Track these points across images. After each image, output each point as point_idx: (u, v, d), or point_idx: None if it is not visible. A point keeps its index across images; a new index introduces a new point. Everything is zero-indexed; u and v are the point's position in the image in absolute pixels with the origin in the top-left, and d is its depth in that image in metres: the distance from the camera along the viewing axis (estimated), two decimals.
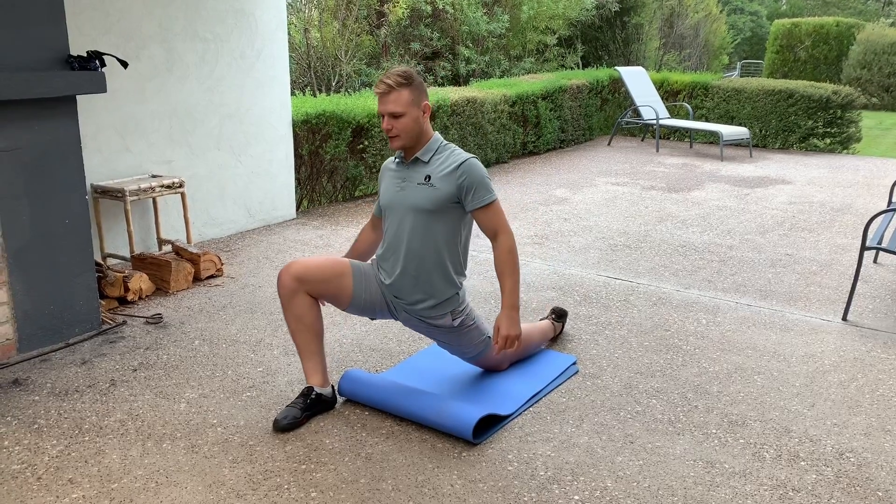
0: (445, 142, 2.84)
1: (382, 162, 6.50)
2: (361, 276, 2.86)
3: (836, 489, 2.41)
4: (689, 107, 9.76)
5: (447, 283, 2.81)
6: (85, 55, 3.38)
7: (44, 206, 3.33)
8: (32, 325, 3.36)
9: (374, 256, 3.00)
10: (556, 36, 14.19)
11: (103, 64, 3.42)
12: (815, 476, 2.48)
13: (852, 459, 2.58)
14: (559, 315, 3.58)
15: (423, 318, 2.86)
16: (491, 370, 3.19)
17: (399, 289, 2.83)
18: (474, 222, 2.85)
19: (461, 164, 2.72)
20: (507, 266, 2.75)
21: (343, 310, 2.90)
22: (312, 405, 2.79)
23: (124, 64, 3.62)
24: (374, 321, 3.77)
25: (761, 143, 9.59)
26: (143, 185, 4.37)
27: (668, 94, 10.27)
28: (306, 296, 2.77)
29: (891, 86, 16.28)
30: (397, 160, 2.88)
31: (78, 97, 4.21)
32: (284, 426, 2.70)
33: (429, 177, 2.75)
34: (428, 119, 2.78)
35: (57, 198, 3.37)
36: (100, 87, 3.37)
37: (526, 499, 2.35)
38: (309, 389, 2.81)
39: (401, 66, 2.78)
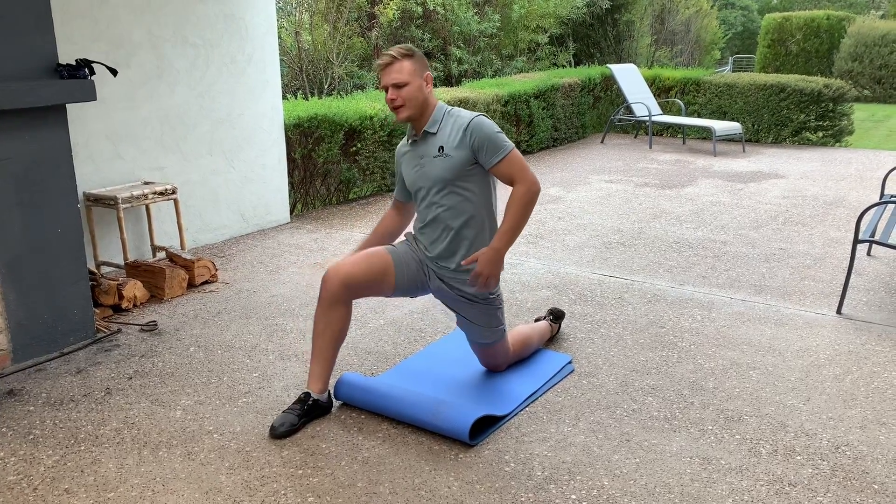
0: (449, 107, 2.85)
1: (375, 164, 6.51)
2: (401, 263, 2.87)
3: (832, 483, 2.42)
4: (681, 103, 9.78)
5: (485, 244, 2.84)
6: (74, 63, 3.37)
7: (36, 215, 3.32)
8: (26, 335, 3.35)
9: (408, 230, 3.02)
10: (548, 34, 14.21)
11: (93, 72, 3.42)
12: (811, 470, 2.49)
13: (848, 453, 2.59)
14: (556, 316, 3.58)
15: (461, 288, 2.86)
16: (491, 369, 3.19)
17: (443, 257, 2.85)
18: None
19: (468, 125, 2.74)
20: (512, 206, 2.72)
21: (386, 297, 2.91)
22: (309, 411, 2.79)
23: (114, 72, 3.61)
24: (378, 318, 3.77)
25: (754, 137, 9.61)
26: (135, 192, 4.36)
27: (661, 90, 10.28)
28: (347, 305, 2.78)
29: (882, 78, 16.32)
30: (410, 140, 2.89)
31: (68, 105, 4.20)
32: (282, 433, 2.69)
33: (441, 147, 2.77)
34: (431, 89, 2.81)
35: (49, 207, 3.37)
36: (89, 95, 3.36)
37: (523, 499, 2.35)
38: (306, 395, 2.81)
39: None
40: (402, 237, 3.05)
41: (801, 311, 3.91)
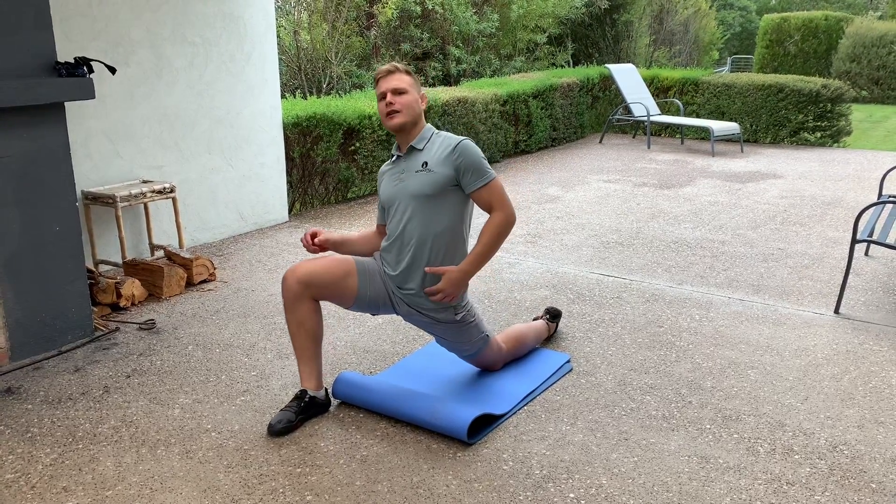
0: (436, 130, 2.88)
1: (374, 163, 6.51)
2: (366, 273, 2.86)
3: (829, 482, 2.42)
4: (679, 103, 9.78)
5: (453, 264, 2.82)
6: (72, 62, 3.37)
7: (34, 213, 3.32)
8: (24, 333, 3.35)
9: (376, 252, 2.99)
10: (547, 34, 14.21)
11: (91, 70, 3.41)
12: (809, 469, 2.49)
13: (846, 452, 2.59)
14: (553, 315, 3.58)
15: (426, 312, 2.85)
16: (486, 369, 3.19)
17: (404, 279, 2.82)
18: (474, 208, 2.87)
19: (456, 145, 2.75)
20: (487, 232, 2.75)
21: (346, 308, 2.90)
22: (306, 409, 2.79)
23: (112, 70, 3.61)
24: (375, 317, 3.77)
25: (752, 137, 9.62)
26: (133, 191, 4.35)
27: (659, 90, 10.29)
28: (310, 301, 2.76)
29: (880, 78, 16.35)
30: (393, 158, 2.91)
31: (67, 104, 4.19)
32: (279, 430, 2.69)
33: (426, 163, 2.77)
34: (424, 107, 2.85)
35: (47, 205, 3.36)
36: (88, 93, 3.36)
37: (521, 498, 2.35)
38: (303, 392, 2.81)
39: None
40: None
41: (799, 310, 3.91)
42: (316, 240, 2.92)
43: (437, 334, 2.95)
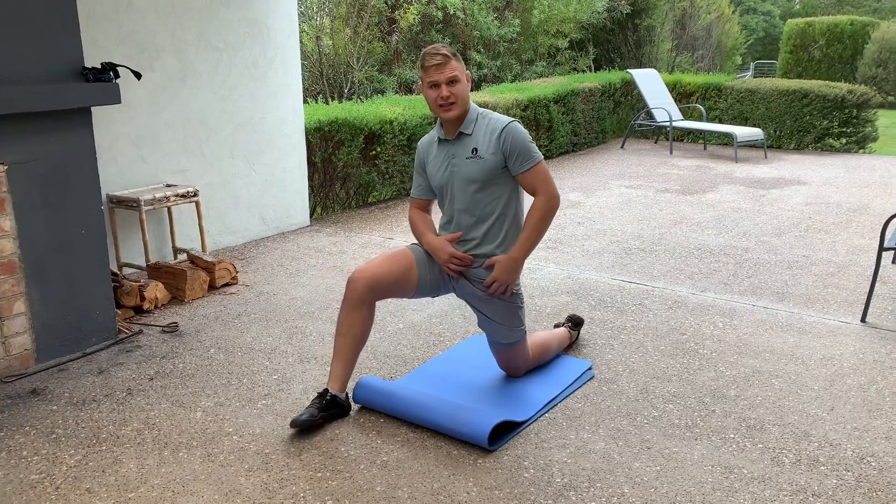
0: (480, 109, 2.88)
1: (395, 167, 6.52)
2: (424, 261, 2.89)
3: (857, 494, 2.38)
4: (702, 108, 9.71)
5: (513, 243, 2.84)
6: (99, 67, 3.41)
7: (60, 216, 3.36)
8: (50, 335, 3.39)
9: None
10: (568, 39, 14.17)
11: (117, 75, 3.45)
12: (835, 481, 2.45)
13: (873, 464, 2.55)
14: (575, 323, 3.56)
15: (489, 292, 2.86)
16: (510, 373, 3.18)
17: (470, 251, 2.86)
18: None
19: (503, 129, 2.76)
20: (532, 217, 2.78)
21: (408, 298, 2.94)
22: (328, 406, 2.80)
23: (138, 75, 3.64)
24: (396, 322, 3.77)
25: (776, 143, 9.52)
26: (157, 195, 4.39)
27: (681, 95, 10.22)
28: (370, 306, 2.80)
29: None
30: (437, 139, 2.90)
31: (93, 108, 4.24)
32: (302, 422, 2.70)
33: (475, 149, 2.79)
34: (469, 88, 2.85)
35: (73, 208, 3.40)
36: (114, 98, 3.40)
37: None
38: (325, 391, 2.82)
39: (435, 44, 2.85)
40: None
41: (825, 318, 3.86)
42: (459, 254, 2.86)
43: (487, 313, 2.95)
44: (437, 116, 2.86)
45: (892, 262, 4.81)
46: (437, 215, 3.01)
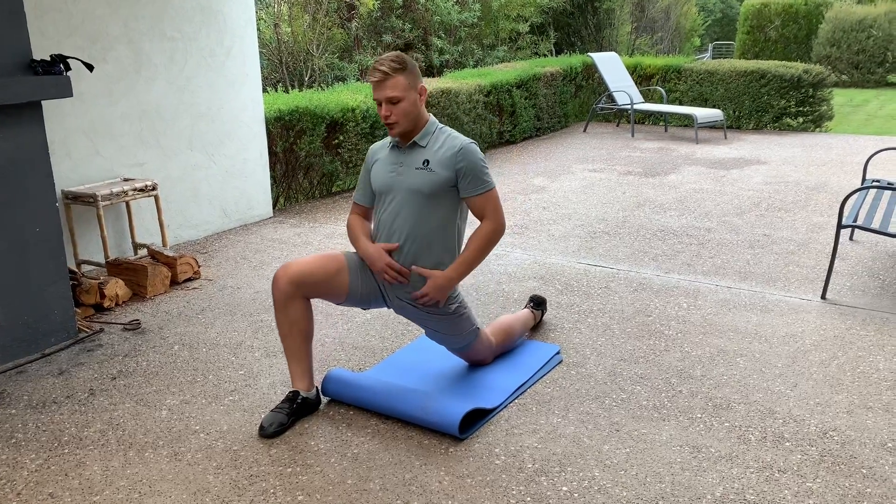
0: (441, 125, 2.82)
1: (358, 156, 6.46)
2: (356, 268, 2.83)
3: (820, 468, 2.43)
4: (662, 91, 9.79)
5: (444, 266, 2.79)
6: (49, 59, 3.30)
7: (13, 214, 3.26)
8: (6, 337, 3.29)
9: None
10: (529, 23, 14.17)
11: (68, 67, 3.35)
12: (800, 456, 2.50)
13: (836, 438, 2.60)
14: (538, 303, 3.57)
15: (418, 304, 2.83)
16: (476, 364, 3.17)
17: (403, 263, 2.79)
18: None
19: (460, 148, 2.70)
20: (475, 241, 2.74)
21: (337, 304, 2.87)
22: (298, 410, 2.76)
23: (90, 67, 3.54)
24: (365, 312, 3.74)
25: (735, 124, 9.65)
26: (115, 190, 4.29)
27: (642, 78, 10.29)
28: (302, 300, 2.73)
29: (860, 63, 16.45)
30: (391, 144, 2.83)
31: (44, 102, 4.12)
32: (272, 433, 2.66)
33: (427, 161, 2.73)
34: (423, 102, 2.75)
35: (26, 206, 3.30)
36: (65, 91, 3.30)
37: (514, 492, 2.34)
38: (294, 394, 2.78)
39: (392, 52, 2.74)
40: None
41: (786, 296, 3.93)
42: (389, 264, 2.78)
43: (429, 327, 2.92)
44: None
45: (850, 239, 4.91)
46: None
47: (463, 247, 2.83)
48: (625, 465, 2.46)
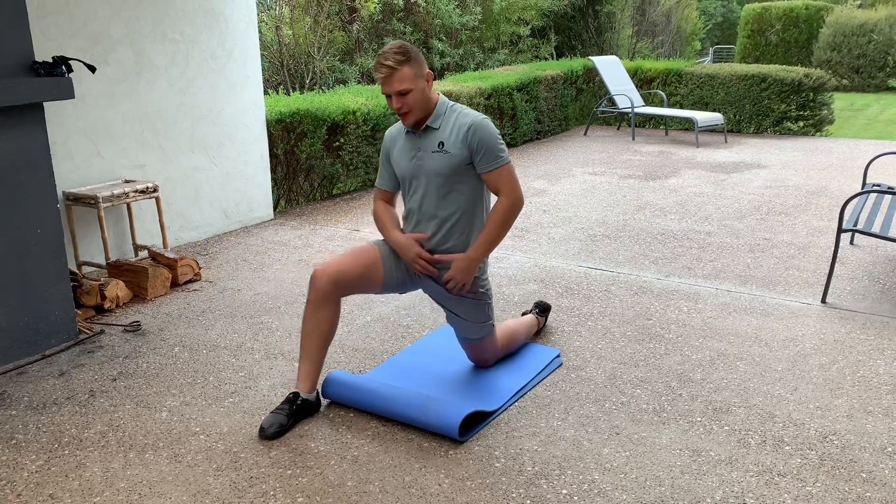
0: (451, 103, 2.83)
1: (359, 158, 6.47)
2: (388, 258, 2.86)
3: (820, 472, 2.43)
4: (663, 94, 9.80)
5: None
6: (51, 61, 3.31)
7: (14, 216, 3.26)
8: (7, 338, 3.30)
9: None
10: (529, 27, 14.19)
11: (70, 69, 3.36)
12: (799, 460, 2.50)
13: (836, 442, 2.60)
14: (542, 309, 3.57)
15: (450, 289, 2.84)
16: (479, 364, 3.18)
17: (432, 250, 2.84)
18: None
19: (470, 125, 2.72)
20: (494, 218, 2.75)
21: (374, 294, 2.91)
22: (298, 411, 2.76)
23: (92, 69, 3.55)
24: (366, 312, 3.74)
25: (736, 128, 9.66)
26: (116, 191, 4.30)
27: (643, 82, 10.30)
28: (336, 303, 2.76)
29: (860, 67, 16.46)
30: (406, 130, 2.85)
31: (46, 104, 4.13)
32: (271, 434, 2.66)
33: (442, 143, 2.75)
34: (431, 87, 2.77)
35: (27, 207, 3.31)
36: (67, 93, 3.30)
37: (514, 495, 2.34)
38: (295, 395, 2.78)
39: (394, 43, 2.74)
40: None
41: (787, 300, 3.93)
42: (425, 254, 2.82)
43: (454, 311, 2.93)
44: None
45: (851, 244, 4.91)
46: (400, 207, 2.98)
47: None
48: (624, 469, 2.46)
